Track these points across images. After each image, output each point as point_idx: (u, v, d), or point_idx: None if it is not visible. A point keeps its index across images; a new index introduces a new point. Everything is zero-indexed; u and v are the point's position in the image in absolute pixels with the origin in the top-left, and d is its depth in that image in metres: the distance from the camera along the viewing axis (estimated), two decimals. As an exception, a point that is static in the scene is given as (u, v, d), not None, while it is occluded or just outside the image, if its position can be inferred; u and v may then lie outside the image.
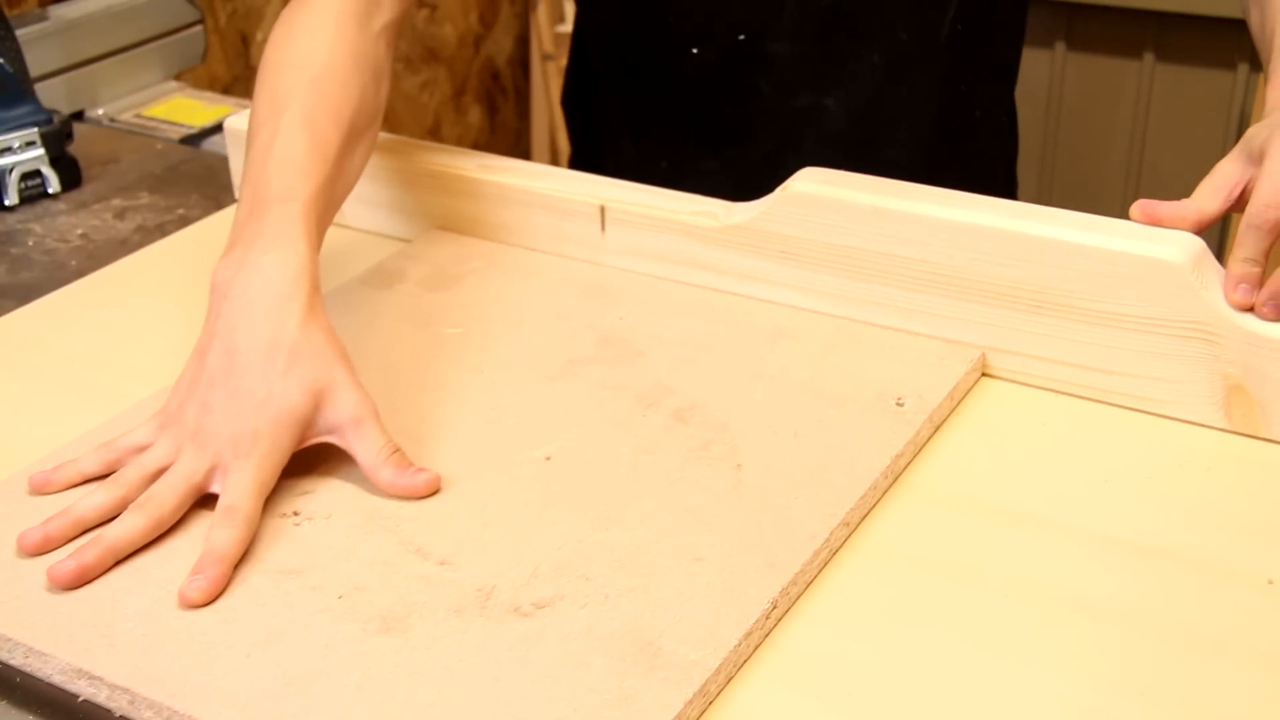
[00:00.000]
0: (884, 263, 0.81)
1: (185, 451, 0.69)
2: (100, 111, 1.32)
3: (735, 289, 0.87)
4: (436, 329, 0.85)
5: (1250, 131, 0.75)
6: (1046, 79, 2.17)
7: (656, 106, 1.09)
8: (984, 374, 0.81)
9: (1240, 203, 0.74)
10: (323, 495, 0.70)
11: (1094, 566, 0.66)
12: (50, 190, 1.12)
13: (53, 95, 1.25)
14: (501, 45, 2.42)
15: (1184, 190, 0.78)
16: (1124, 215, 0.78)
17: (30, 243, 1.04)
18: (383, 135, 0.99)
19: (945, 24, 1.03)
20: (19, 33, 1.18)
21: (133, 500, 0.68)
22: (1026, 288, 0.77)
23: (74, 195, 1.12)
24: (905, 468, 0.73)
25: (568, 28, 2.36)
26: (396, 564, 0.65)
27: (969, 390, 0.79)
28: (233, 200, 1.08)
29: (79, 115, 1.31)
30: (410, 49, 2.23)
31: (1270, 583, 0.64)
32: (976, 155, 1.13)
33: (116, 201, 1.10)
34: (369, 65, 0.85)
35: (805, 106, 1.05)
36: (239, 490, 0.68)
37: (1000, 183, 1.17)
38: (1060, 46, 2.15)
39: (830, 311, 0.84)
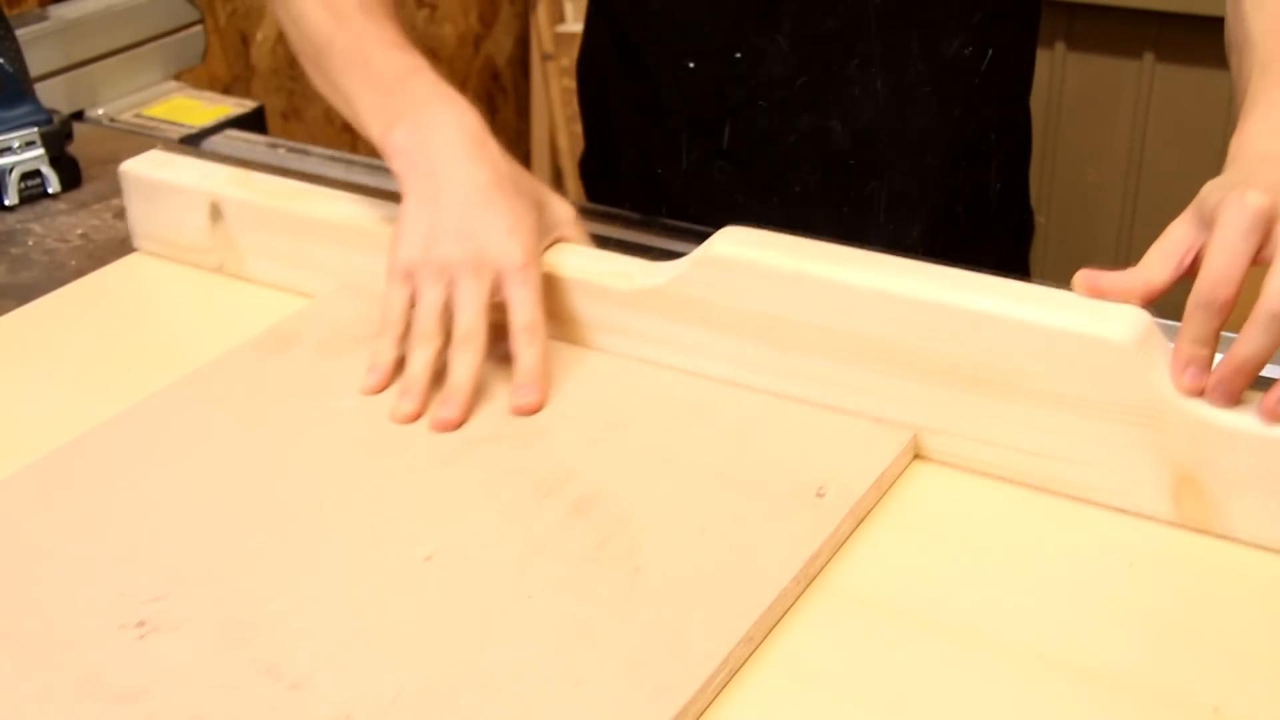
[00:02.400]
0: (809, 333, 0.75)
1: (464, 279, 0.77)
2: (100, 111, 1.33)
3: (654, 356, 0.80)
4: (326, 402, 0.78)
5: (1205, 189, 0.69)
6: (1046, 79, 2.14)
7: (660, 115, 1.07)
8: (917, 455, 0.74)
9: (1192, 270, 0.68)
10: (175, 600, 0.64)
11: (1027, 691, 0.59)
12: (50, 190, 1.11)
13: (53, 95, 1.25)
14: (501, 45, 2.41)
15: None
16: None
17: (30, 243, 1.04)
18: (285, 181, 0.93)
19: (951, 49, 1.00)
20: (19, 33, 1.17)
21: (443, 345, 0.77)
22: (960, 364, 0.71)
23: (74, 195, 1.12)
24: (822, 569, 0.66)
25: (568, 28, 2.37)
26: (244, 688, 0.59)
27: (899, 475, 0.72)
28: None
29: (79, 115, 1.31)
30: None
31: (1216, 711, 0.58)
32: (990, 179, 1.09)
33: (116, 201, 1.08)
34: None
35: (808, 129, 1.02)
36: (529, 305, 0.77)
37: (1013, 205, 1.14)
38: (1060, 46, 2.13)
39: (753, 384, 0.78)
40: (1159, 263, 0.68)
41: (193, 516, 0.69)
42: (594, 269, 0.81)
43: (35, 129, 1.10)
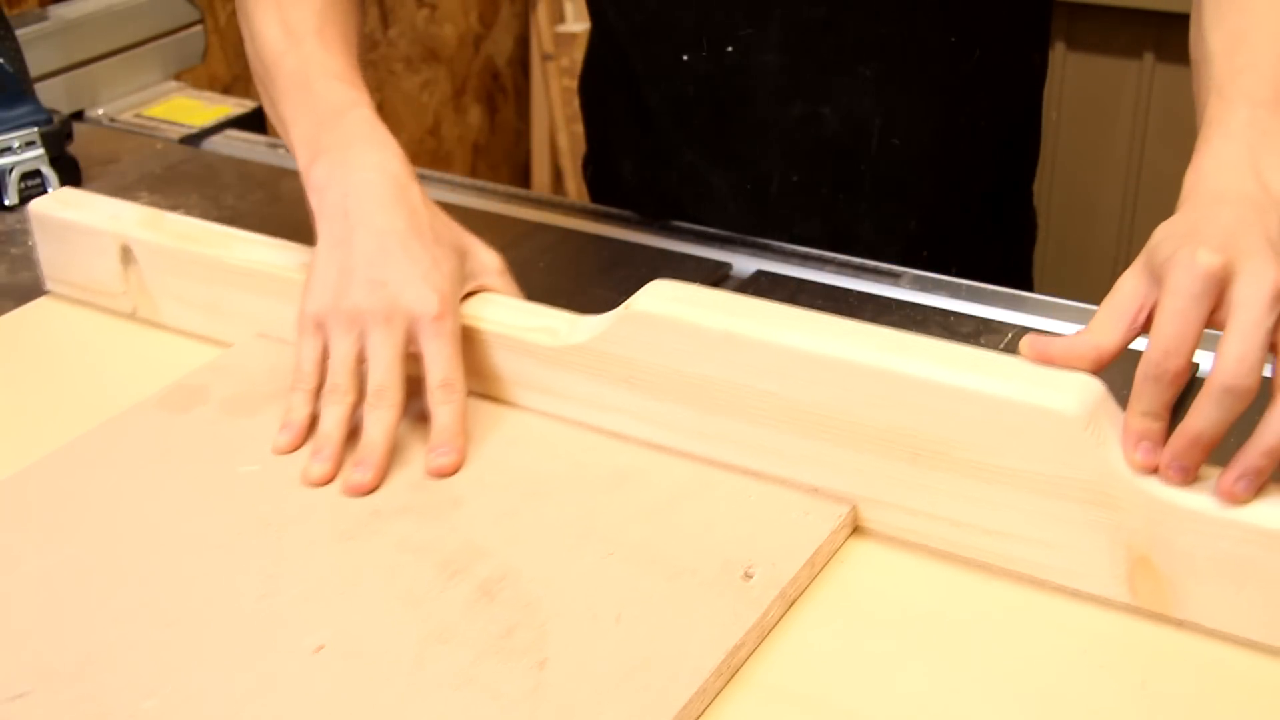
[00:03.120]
0: (740, 396, 0.70)
1: (375, 329, 0.73)
2: (100, 111, 1.32)
3: (578, 416, 0.75)
4: (229, 466, 0.73)
5: (1156, 236, 0.64)
6: (1047, 79, 2.12)
7: (658, 112, 1.05)
8: (856, 528, 0.69)
9: (1146, 327, 0.63)
10: (38, 698, 0.58)
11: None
12: (50, 190, 1.10)
13: (53, 95, 1.25)
14: (501, 45, 2.42)
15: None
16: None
17: (30, 243, 1.01)
18: (199, 223, 0.88)
19: (938, 38, 0.98)
20: (19, 33, 1.18)
21: (357, 400, 0.73)
22: (900, 433, 0.66)
23: None
24: (746, 660, 0.61)
25: (568, 28, 2.37)
26: (104, 803, 0.54)
27: (834, 552, 0.67)
28: (235, 199, 1.09)
29: (79, 115, 1.31)
30: (410, 49, 2.23)
31: (1166, 829, 0.53)
32: (985, 174, 1.07)
33: None
34: None
35: (800, 115, 1.00)
36: (444, 358, 0.73)
37: (1015, 204, 1.12)
38: (1060, 46, 2.12)
39: (683, 449, 0.73)
40: (1110, 323, 0.63)
41: (67, 600, 0.64)
42: (516, 323, 0.76)
43: (35, 129, 1.10)
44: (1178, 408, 0.61)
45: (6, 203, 1.10)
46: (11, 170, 1.09)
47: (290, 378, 0.75)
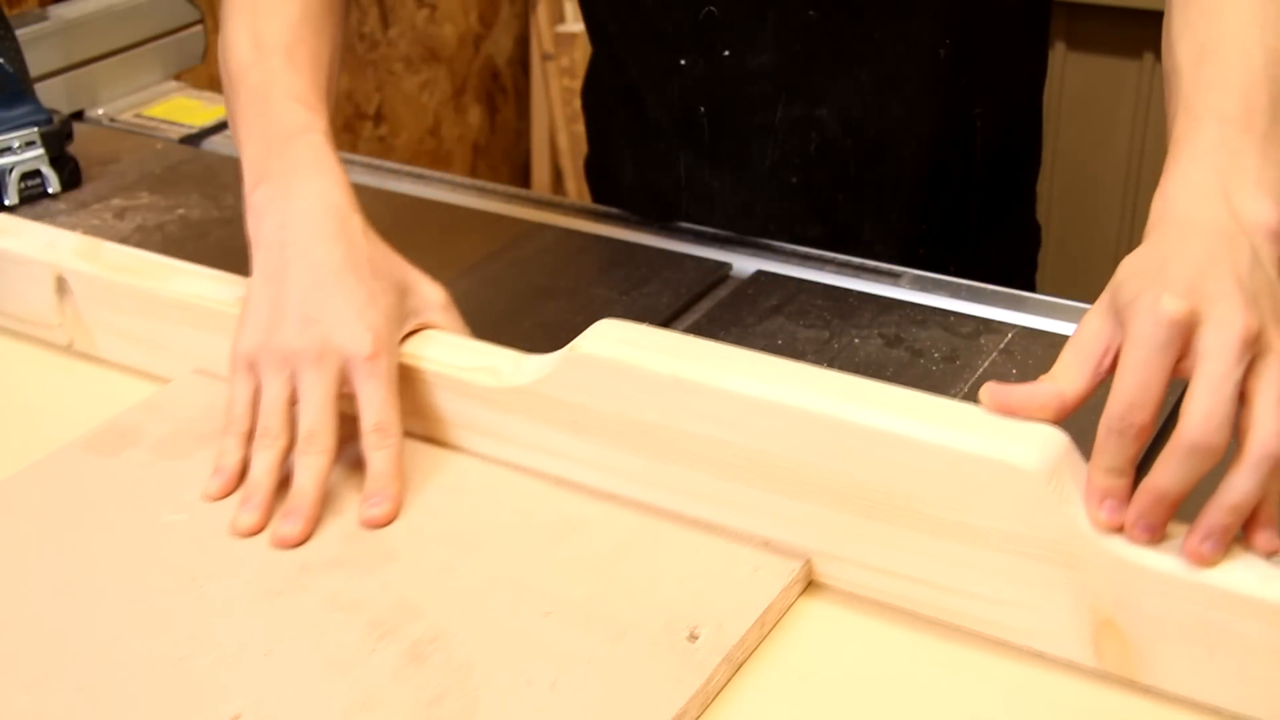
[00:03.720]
0: (689, 443, 0.66)
1: (307, 370, 0.70)
2: (100, 111, 1.32)
3: (522, 461, 0.72)
4: (155, 515, 0.70)
5: (1121, 272, 0.60)
6: (1047, 79, 2.11)
7: (656, 117, 1.04)
8: (811, 581, 0.66)
9: (1112, 371, 0.59)
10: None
11: None
12: (50, 190, 1.11)
13: (53, 95, 1.25)
14: (501, 45, 2.42)
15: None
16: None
17: None
18: (137, 254, 0.84)
19: (934, 42, 0.96)
20: (19, 33, 1.18)
21: (289, 444, 0.69)
22: (855, 485, 0.62)
23: (74, 195, 1.12)
24: (687, 730, 0.58)
25: (568, 28, 2.37)
26: None
27: (786, 609, 0.64)
28: (235, 200, 1.02)
29: (79, 115, 1.30)
30: (410, 49, 2.23)
31: None
32: (983, 169, 1.05)
33: (116, 201, 1.10)
34: (338, 12, 0.86)
35: (799, 116, 0.99)
36: (378, 400, 0.69)
37: (1016, 206, 1.10)
38: (1060, 46, 2.11)
39: (631, 496, 0.69)
40: (1074, 368, 0.60)
41: (-27, 665, 0.61)
42: (457, 362, 0.73)
43: (35, 129, 1.10)
44: (1148, 455, 0.58)
45: (6, 203, 1.09)
46: (11, 170, 1.09)
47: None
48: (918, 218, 1.03)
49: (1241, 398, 0.56)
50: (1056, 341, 0.63)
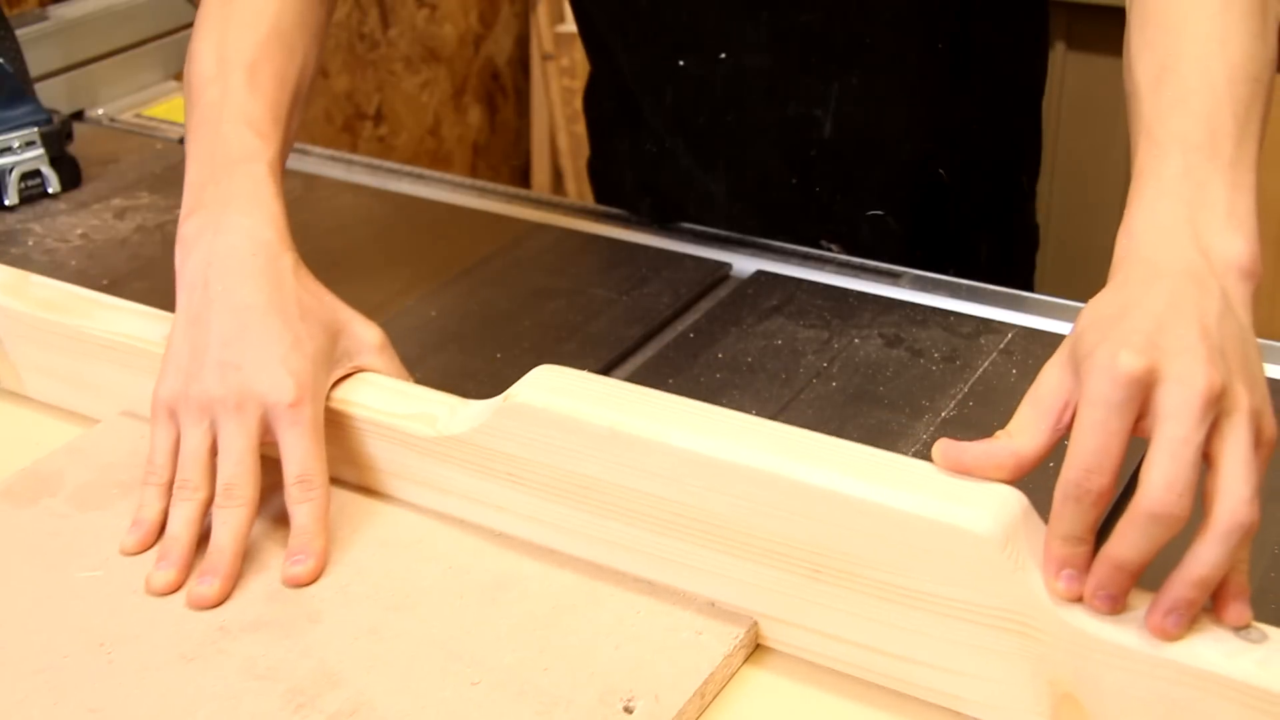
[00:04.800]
0: (629, 499, 0.63)
1: (227, 420, 0.66)
2: (100, 111, 1.31)
3: (459, 513, 0.69)
4: (68, 570, 0.66)
5: (1082, 320, 0.57)
6: (1047, 79, 2.10)
7: (655, 120, 1.02)
8: (759, 645, 0.62)
9: (1072, 427, 0.56)
10: None
11: None
12: (50, 190, 1.11)
13: (53, 95, 1.25)
14: (501, 45, 2.39)
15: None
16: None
17: (30, 243, 1.03)
18: (66, 288, 0.81)
19: (929, 46, 0.95)
20: (19, 33, 1.18)
21: (210, 496, 0.66)
22: (801, 546, 0.59)
23: (74, 195, 1.12)
24: (618, 813, 0.54)
25: (568, 28, 2.35)
26: None
27: (730, 677, 0.60)
28: None
29: (79, 115, 1.30)
30: (410, 49, 2.21)
31: None
32: (982, 170, 1.04)
33: (116, 201, 1.10)
34: (313, 28, 0.82)
35: (795, 117, 0.97)
36: (301, 451, 0.66)
37: (1012, 208, 1.08)
38: (1060, 46, 2.07)
39: (570, 551, 0.66)
40: (1032, 424, 0.56)
41: None
42: (391, 409, 0.69)
43: (35, 129, 1.10)
44: (1112, 514, 0.55)
45: (6, 203, 1.08)
46: (11, 170, 1.08)
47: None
48: (915, 218, 1.01)
49: (1206, 459, 0.52)
50: (1056, 341, 0.61)
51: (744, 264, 0.97)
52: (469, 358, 0.86)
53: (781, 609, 0.61)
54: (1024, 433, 0.56)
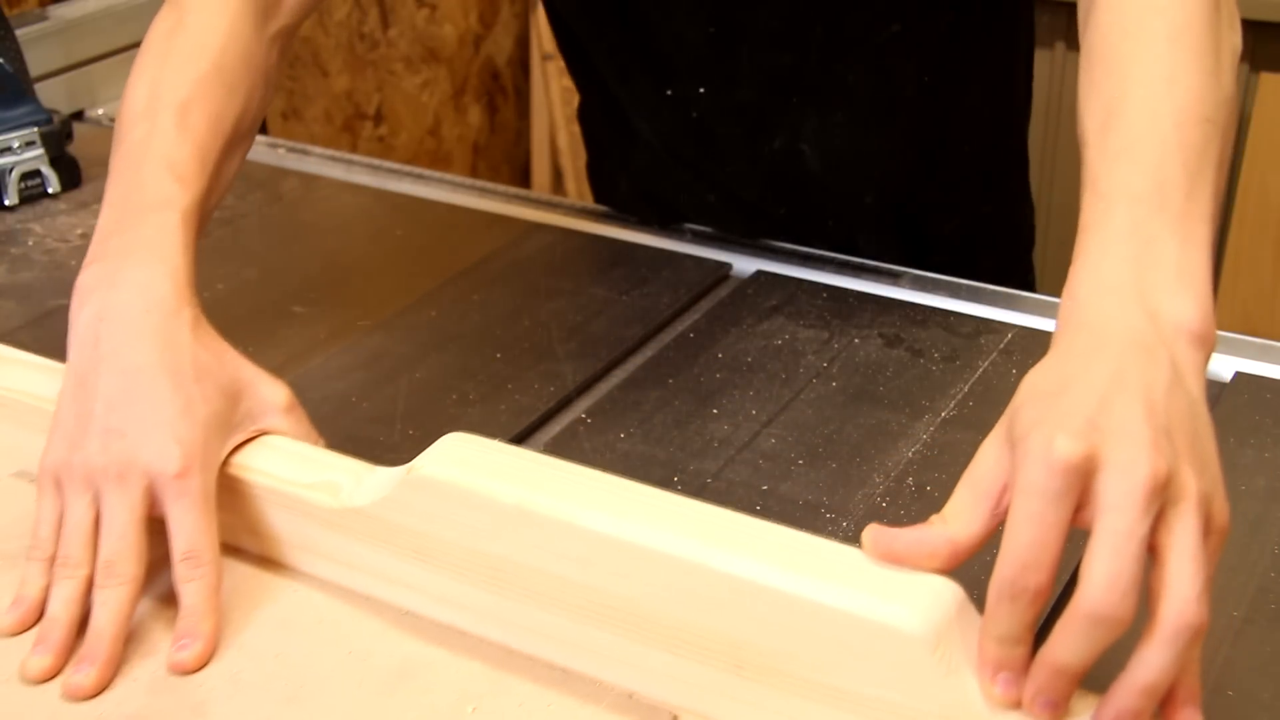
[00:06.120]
0: (541, 582, 0.57)
1: (110, 491, 0.61)
2: (100, 111, 1.31)
3: (367, 590, 0.63)
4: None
5: (1021, 394, 0.51)
6: (1047, 79, 2.07)
7: (649, 140, 1.01)
8: (683, 739, 0.57)
9: None
10: None
11: None
12: (50, 190, 1.11)
13: (53, 95, 1.25)
14: (501, 45, 2.39)
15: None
16: None
17: (30, 243, 1.03)
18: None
19: (911, 82, 0.93)
20: (19, 33, 1.18)
21: (93, 573, 0.61)
22: (722, 639, 0.53)
23: (74, 195, 1.12)
24: None
25: None
26: None
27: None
28: (235, 200, 1.07)
29: (79, 115, 1.30)
30: (410, 49, 2.20)
31: None
32: (973, 188, 1.02)
33: None
34: (259, 69, 0.78)
35: (781, 149, 0.96)
36: (188, 525, 0.61)
37: (1007, 217, 1.06)
38: (1060, 46, 2.06)
39: (482, 634, 0.60)
40: (968, 508, 0.50)
41: None
42: (293, 476, 0.63)
43: (35, 129, 1.10)
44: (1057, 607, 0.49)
45: (6, 203, 1.08)
46: (11, 170, 1.08)
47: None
48: (907, 240, 0.99)
49: (1152, 551, 0.47)
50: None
51: (744, 264, 0.97)
52: (469, 358, 0.85)
53: (703, 704, 0.55)
54: (960, 518, 0.50)
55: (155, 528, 0.62)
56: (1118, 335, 0.50)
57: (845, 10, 0.89)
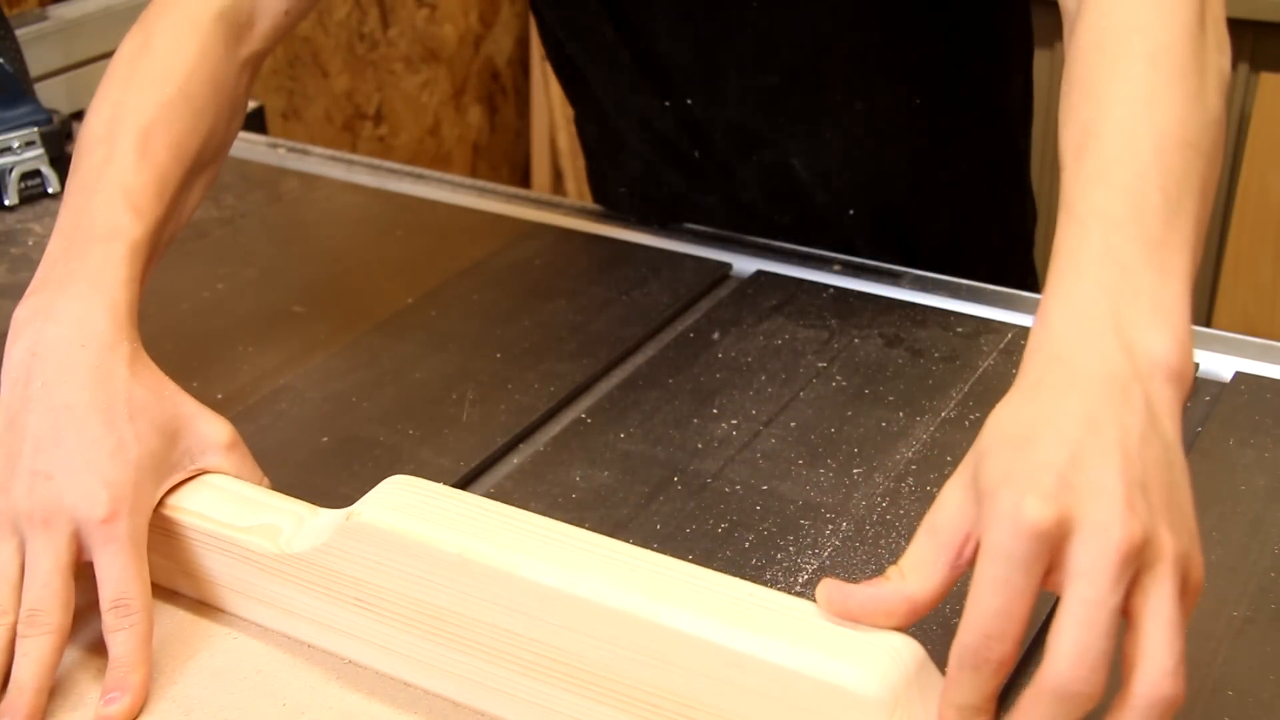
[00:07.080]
0: (485, 634, 0.55)
1: (35, 537, 0.59)
2: None
3: (308, 638, 0.60)
4: None
5: (985, 437, 0.48)
6: (1047, 79, 2.09)
7: (642, 149, 1.00)
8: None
9: (973, 561, 0.47)
10: None
11: None
12: (50, 190, 1.10)
13: (53, 95, 1.24)
14: (501, 45, 2.37)
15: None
16: None
17: (30, 243, 1.03)
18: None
19: (902, 103, 0.92)
20: (19, 33, 1.18)
21: (15, 620, 0.58)
22: (671, 697, 0.51)
23: None
24: None
25: None
26: None
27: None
28: (235, 199, 1.07)
29: (79, 115, 1.27)
30: (410, 49, 2.19)
31: None
32: (970, 199, 1.00)
33: None
34: (227, 95, 0.76)
35: (771, 163, 0.95)
36: (118, 572, 0.58)
37: (1004, 220, 1.04)
38: (1060, 47, 2.00)
39: (425, 686, 0.58)
40: (928, 561, 0.47)
41: None
42: (231, 519, 0.61)
43: (35, 129, 1.10)
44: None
45: (6, 203, 1.08)
46: (11, 170, 1.08)
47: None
48: (905, 246, 0.98)
49: (1126, 616, 0.43)
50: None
51: (744, 264, 0.96)
52: (469, 358, 0.84)
53: (656, 764, 0.52)
54: (918, 571, 0.47)
55: (86, 573, 0.60)
56: (1091, 371, 0.47)
57: (830, 36, 0.88)
